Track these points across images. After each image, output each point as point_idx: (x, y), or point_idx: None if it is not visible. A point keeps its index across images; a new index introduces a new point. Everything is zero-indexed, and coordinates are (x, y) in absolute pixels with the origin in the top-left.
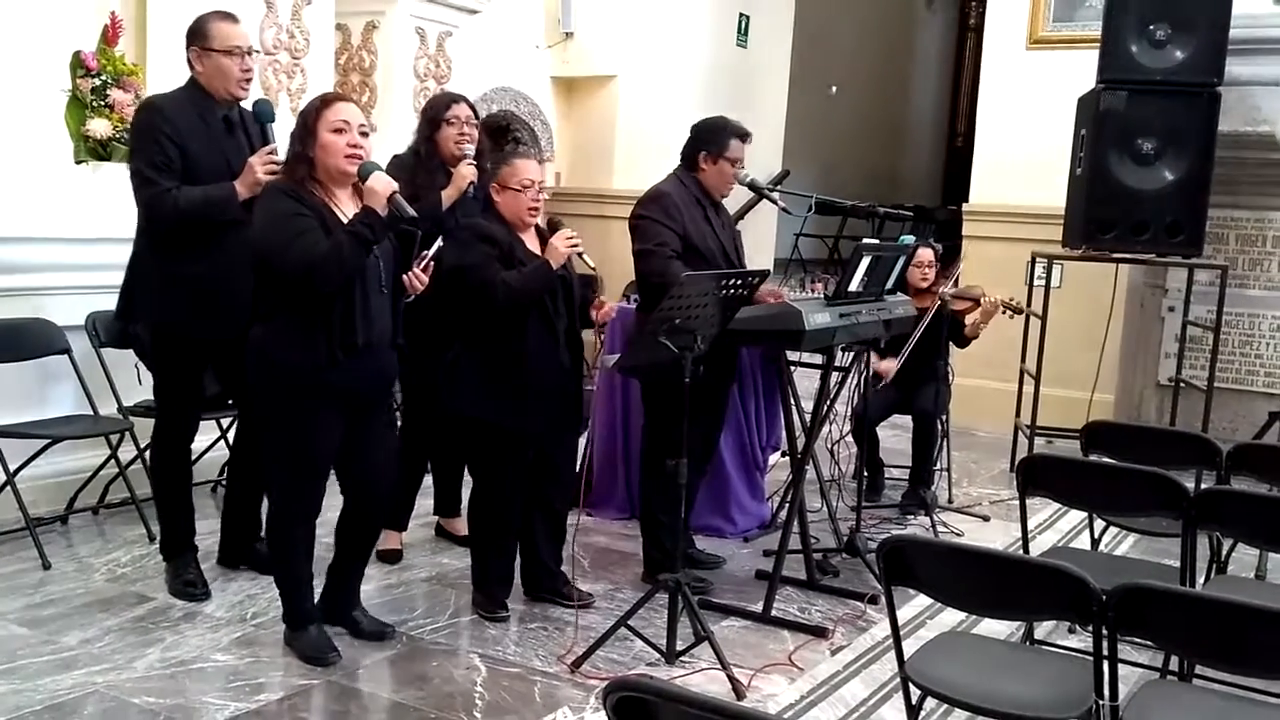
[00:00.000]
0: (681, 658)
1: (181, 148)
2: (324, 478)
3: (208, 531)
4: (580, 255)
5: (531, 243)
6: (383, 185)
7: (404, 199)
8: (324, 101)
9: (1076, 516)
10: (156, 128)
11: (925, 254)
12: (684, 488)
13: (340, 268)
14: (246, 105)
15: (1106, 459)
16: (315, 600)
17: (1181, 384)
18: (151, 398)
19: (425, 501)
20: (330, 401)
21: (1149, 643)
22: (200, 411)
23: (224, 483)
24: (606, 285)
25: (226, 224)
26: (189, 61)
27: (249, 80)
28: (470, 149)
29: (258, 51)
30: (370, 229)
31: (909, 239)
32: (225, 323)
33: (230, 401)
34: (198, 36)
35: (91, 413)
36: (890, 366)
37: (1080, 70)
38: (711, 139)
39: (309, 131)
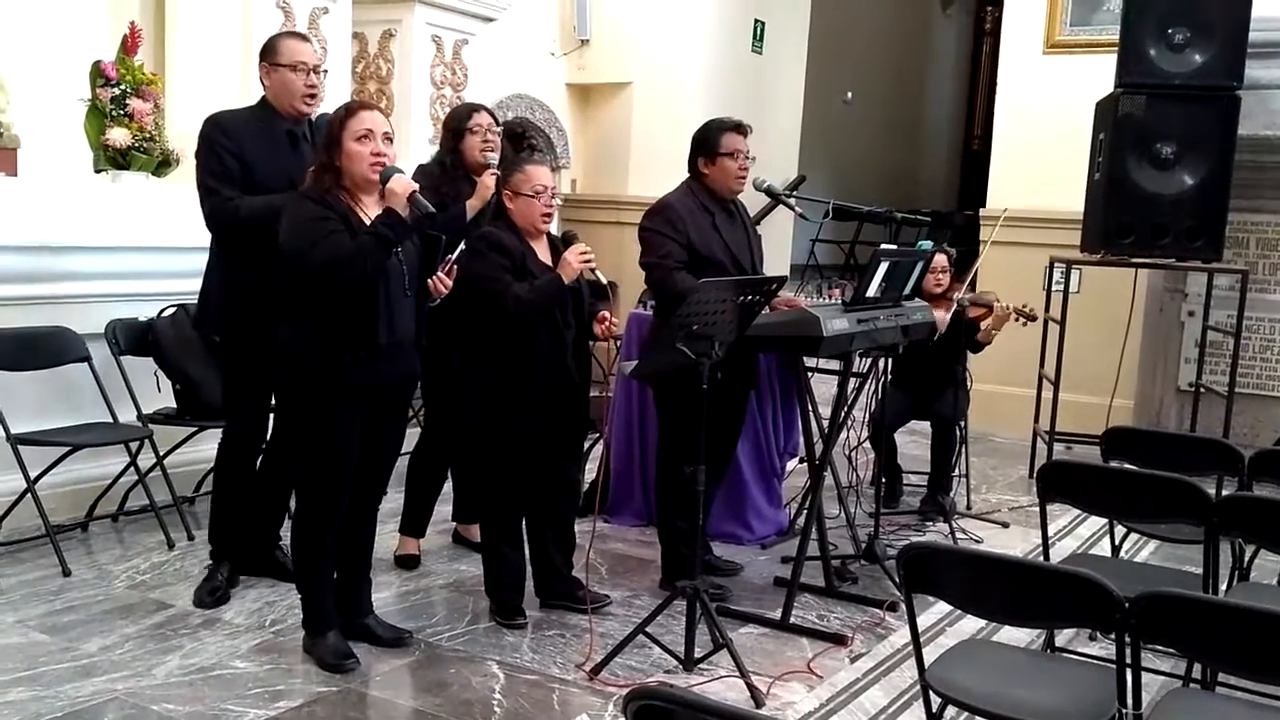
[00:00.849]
0: (700, 665)
1: (241, 159)
2: (349, 479)
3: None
4: (593, 271)
5: (543, 251)
6: (402, 186)
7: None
8: (348, 111)
9: (1096, 523)
10: (214, 140)
11: (939, 259)
12: (701, 494)
13: (363, 267)
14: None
15: (1127, 465)
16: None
17: (1202, 389)
18: (172, 405)
19: (444, 508)
20: (354, 401)
21: (1172, 650)
22: (267, 415)
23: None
24: (623, 292)
25: None
26: (260, 78)
27: (313, 95)
28: (495, 157)
29: (325, 70)
30: (391, 229)
31: (926, 244)
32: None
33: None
34: (267, 53)
35: (111, 420)
36: (943, 315)
37: (1098, 74)
38: (703, 142)
39: (334, 141)
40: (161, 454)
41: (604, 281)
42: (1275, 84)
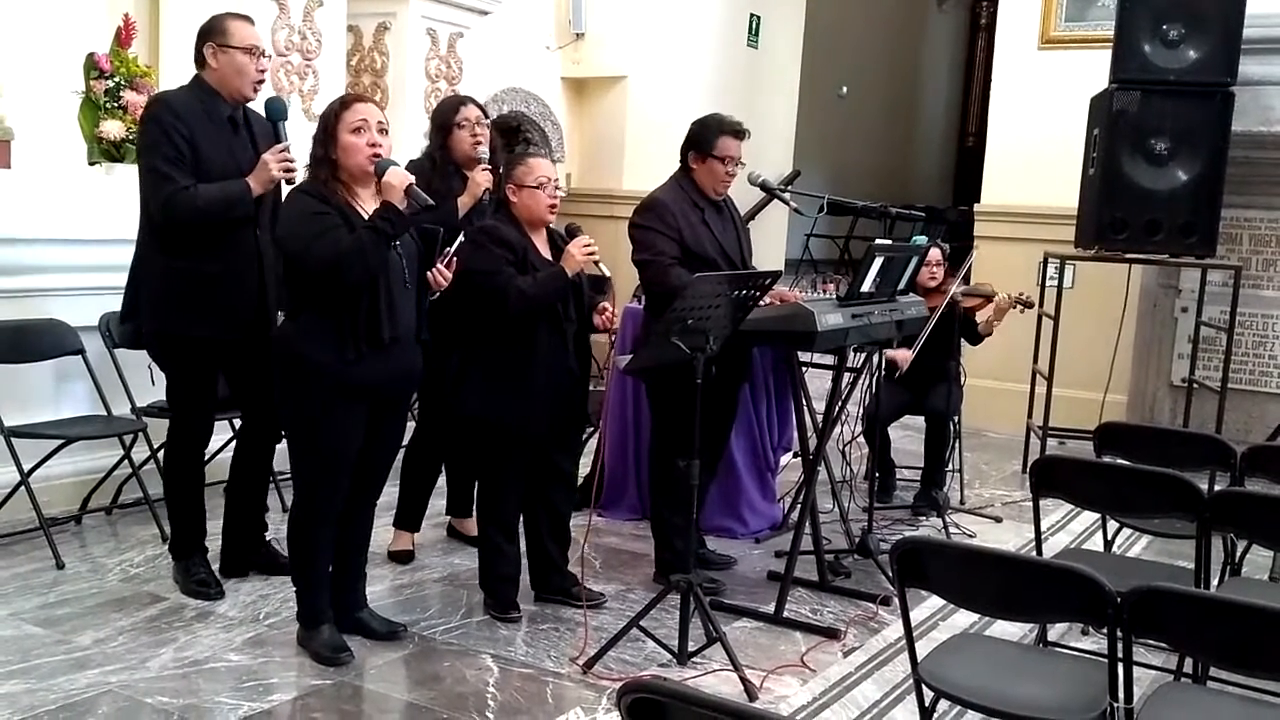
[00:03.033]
0: (693, 659)
1: (191, 144)
2: (348, 475)
3: (217, 533)
4: (596, 263)
5: (542, 245)
6: (399, 179)
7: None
8: (342, 104)
9: (1089, 518)
10: (168, 124)
11: (933, 254)
12: (695, 488)
13: (364, 262)
14: (254, 106)
15: (1120, 460)
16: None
17: (1195, 385)
18: (164, 398)
19: (438, 502)
20: (356, 397)
21: (1163, 645)
22: (214, 413)
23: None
24: (616, 286)
25: (236, 222)
26: (201, 58)
27: (261, 83)
28: (484, 150)
29: (269, 56)
30: (390, 223)
31: (921, 239)
32: (235, 322)
33: (237, 402)
34: (215, 33)
35: (105, 413)
36: (906, 355)
37: (1093, 70)
38: (699, 137)
39: (329, 134)
40: (155, 447)
41: (607, 274)
42: (1269, 80)
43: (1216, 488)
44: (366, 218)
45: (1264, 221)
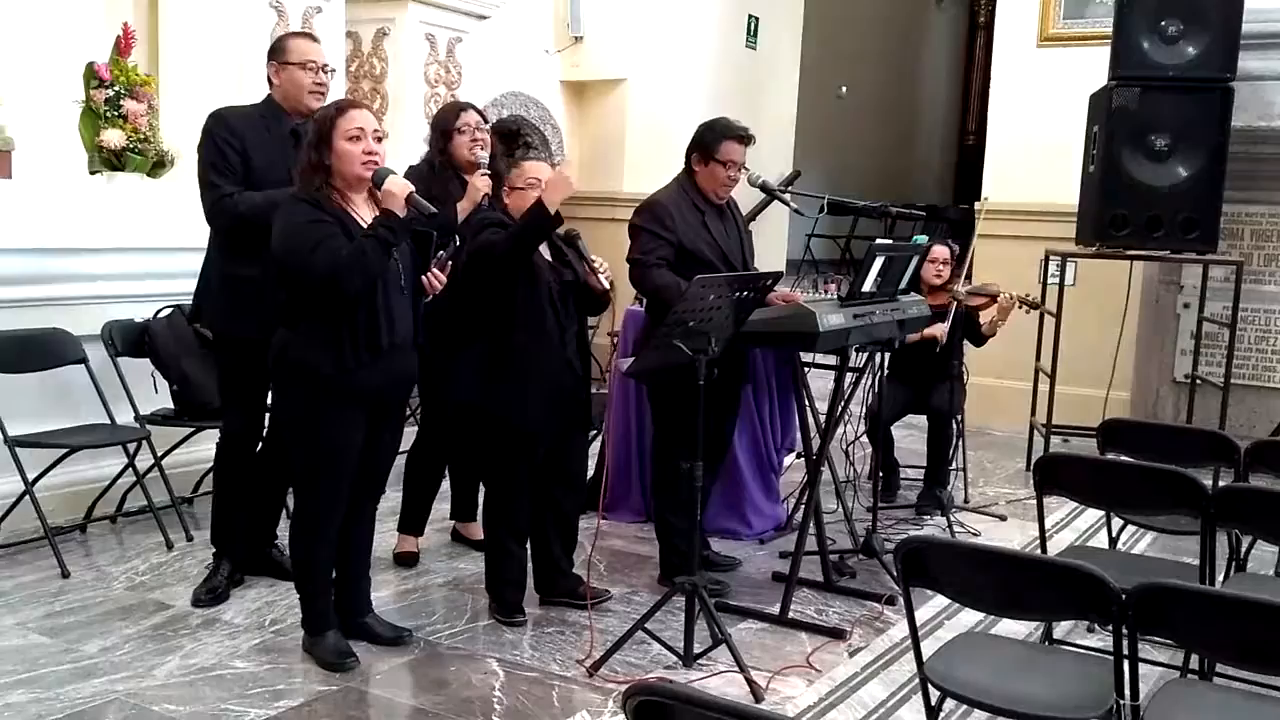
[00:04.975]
0: (699, 660)
1: (243, 155)
2: (349, 480)
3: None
4: (597, 273)
5: (543, 248)
6: (400, 187)
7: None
8: (338, 110)
9: (1093, 515)
10: (217, 135)
11: (941, 251)
12: (698, 490)
13: (364, 271)
14: None
15: (1124, 457)
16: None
17: (1198, 381)
18: (170, 406)
19: (442, 506)
20: (355, 403)
21: (1169, 642)
22: (264, 412)
23: None
24: (618, 288)
25: None
26: (268, 78)
27: (322, 94)
28: (484, 155)
29: (333, 70)
30: (391, 231)
31: (922, 239)
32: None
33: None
34: (276, 52)
35: (109, 422)
36: (943, 327)
37: (1092, 67)
38: (703, 140)
39: (324, 140)
40: (159, 455)
41: (605, 286)
42: (1269, 75)
43: (1221, 483)
44: (364, 225)
45: (1265, 216)
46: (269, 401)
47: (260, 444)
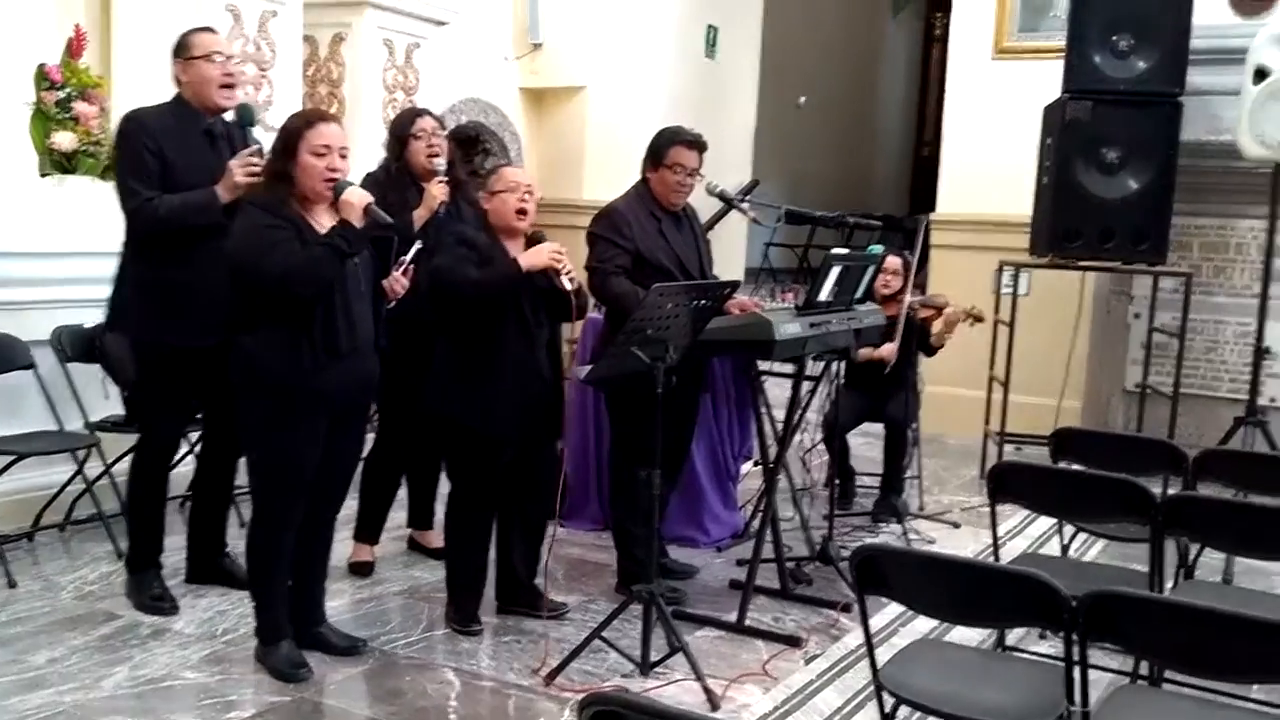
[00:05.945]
0: (656, 669)
1: (161, 158)
2: (307, 487)
3: (175, 548)
4: (562, 274)
5: (517, 253)
6: (358, 198)
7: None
8: (307, 122)
9: (1046, 522)
10: (135, 138)
11: (892, 262)
12: (656, 498)
13: (316, 278)
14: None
15: (1075, 466)
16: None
17: (1148, 390)
18: (120, 412)
19: (398, 515)
20: (315, 408)
21: (1119, 649)
22: (185, 424)
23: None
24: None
25: (206, 230)
26: (175, 77)
27: (231, 87)
28: (441, 162)
29: (238, 61)
30: (346, 241)
31: (877, 248)
32: (204, 329)
33: (200, 415)
34: (180, 49)
35: (58, 428)
36: (891, 349)
37: (1046, 80)
38: (653, 147)
39: (290, 150)
40: (109, 462)
41: (570, 288)
42: (1216, 90)
43: (1169, 492)
44: (321, 233)
45: (1214, 228)
46: (196, 408)
47: (203, 449)
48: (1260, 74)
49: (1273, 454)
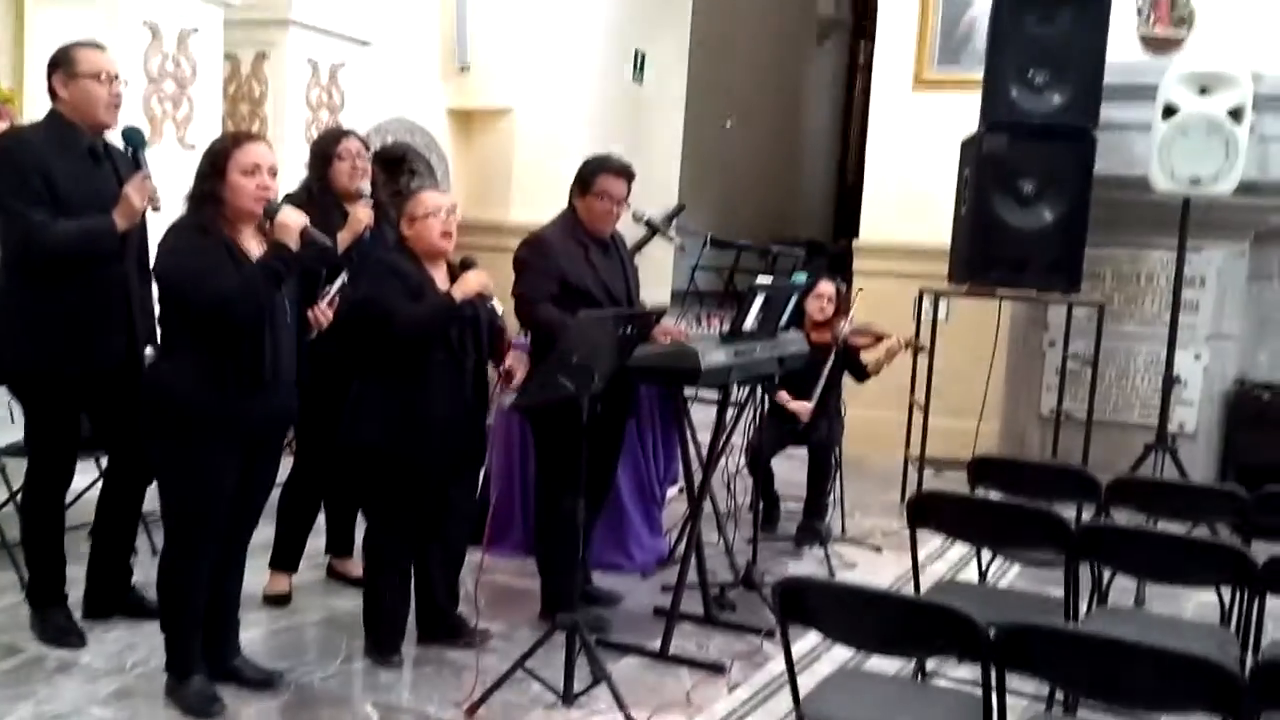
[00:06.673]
0: (579, 699)
1: (47, 179)
2: (223, 517)
3: (78, 578)
4: (485, 299)
5: (442, 279)
6: (294, 220)
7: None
8: (235, 141)
9: (966, 546)
10: (19, 159)
11: (826, 287)
12: (580, 526)
13: (254, 302)
14: (112, 135)
15: (993, 493)
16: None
17: (1063, 416)
18: (22, 439)
19: (316, 541)
20: (232, 438)
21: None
22: (77, 453)
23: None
24: (505, 319)
25: (101, 256)
26: (52, 91)
27: (118, 107)
28: (366, 185)
29: (125, 81)
30: (285, 263)
31: (801, 277)
32: (103, 357)
33: (102, 441)
34: (63, 63)
35: None
36: (806, 406)
37: (965, 111)
38: (581, 176)
39: (218, 171)
40: (14, 489)
41: (499, 309)
42: (1129, 124)
43: (1084, 516)
44: (250, 256)
45: (1126, 260)
46: (84, 436)
47: (107, 476)
48: (1169, 111)
49: (1180, 482)
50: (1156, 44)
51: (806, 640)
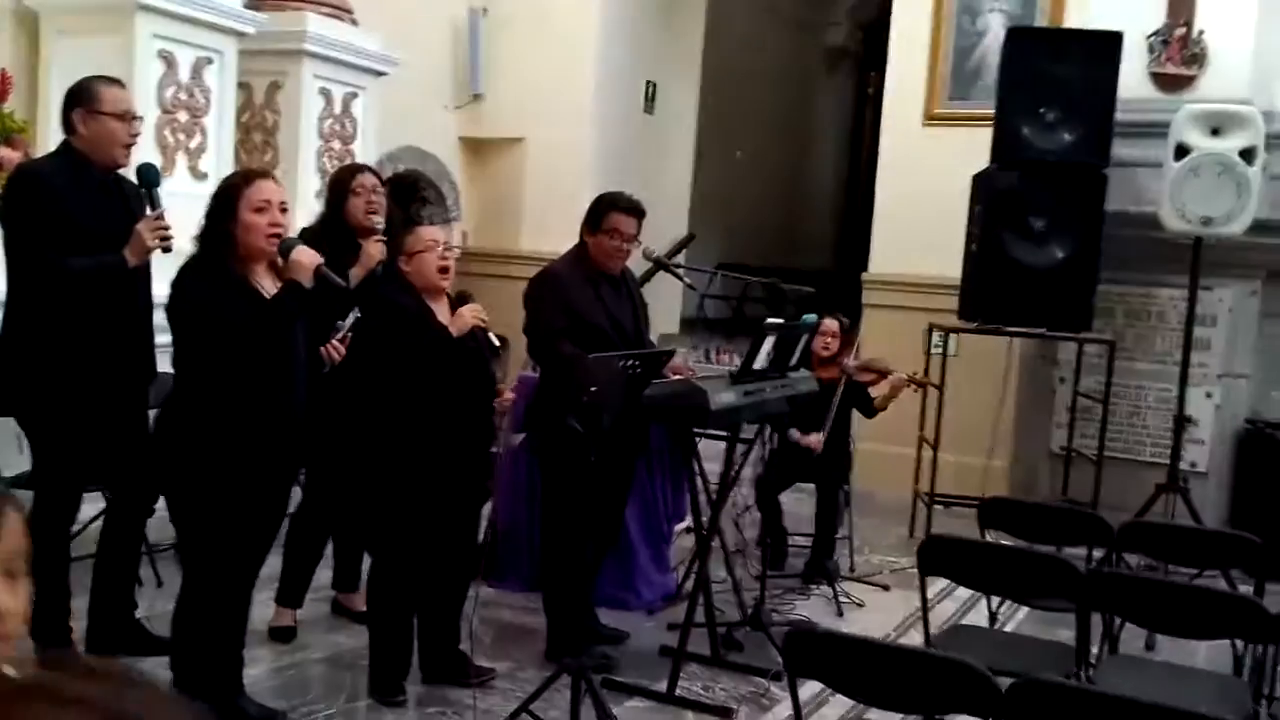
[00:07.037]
0: None
1: (66, 214)
2: (243, 551)
3: (81, 612)
4: (487, 332)
5: (442, 312)
6: (309, 258)
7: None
8: (245, 179)
9: None
10: (37, 194)
11: (830, 324)
12: (588, 566)
13: (265, 340)
14: (127, 171)
15: (1003, 536)
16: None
17: (1073, 453)
18: (29, 470)
19: (324, 574)
20: (248, 473)
21: None
22: (83, 487)
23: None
24: (513, 348)
25: (110, 292)
26: (69, 125)
27: (133, 147)
28: (380, 220)
29: (141, 119)
30: (298, 301)
31: (811, 317)
32: (107, 390)
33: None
34: (85, 99)
35: None
36: (818, 440)
37: (976, 146)
38: (591, 212)
39: (230, 209)
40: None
41: (497, 342)
42: (1140, 162)
43: (1094, 562)
44: (264, 294)
45: (1137, 297)
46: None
47: (109, 508)
48: (1181, 151)
49: (1193, 526)
50: (1168, 81)
51: (813, 684)
